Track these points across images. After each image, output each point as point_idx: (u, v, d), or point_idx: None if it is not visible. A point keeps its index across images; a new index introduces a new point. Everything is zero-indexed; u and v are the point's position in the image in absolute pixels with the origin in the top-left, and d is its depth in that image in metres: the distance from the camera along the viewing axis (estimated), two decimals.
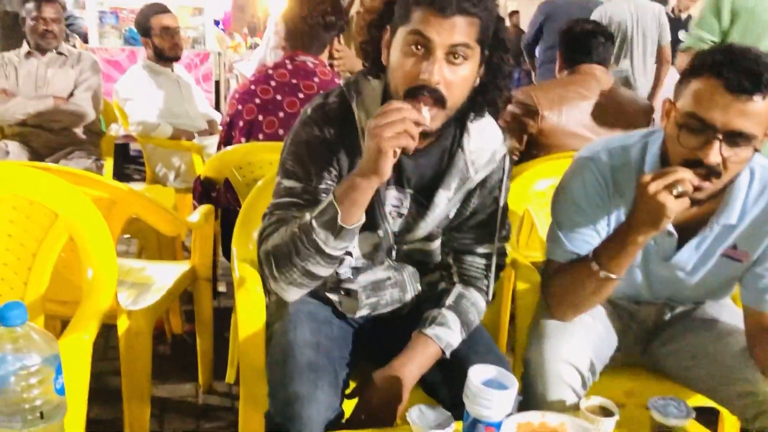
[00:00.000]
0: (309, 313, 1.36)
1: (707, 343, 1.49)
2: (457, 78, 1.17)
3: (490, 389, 1.03)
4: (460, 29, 1.14)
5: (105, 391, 2.09)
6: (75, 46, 4.58)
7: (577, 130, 2.36)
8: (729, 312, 1.59)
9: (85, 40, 4.86)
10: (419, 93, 1.14)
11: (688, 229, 1.42)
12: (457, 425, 1.08)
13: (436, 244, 1.41)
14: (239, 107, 2.18)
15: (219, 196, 2.29)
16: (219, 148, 2.32)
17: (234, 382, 2.15)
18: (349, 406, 1.28)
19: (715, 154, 1.22)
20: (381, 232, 1.34)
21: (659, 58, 4.38)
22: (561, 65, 2.57)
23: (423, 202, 1.33)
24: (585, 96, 2.39)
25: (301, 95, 2.15)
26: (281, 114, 2.14)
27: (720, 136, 1.22)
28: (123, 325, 1.73)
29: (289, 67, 2.19)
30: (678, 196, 1.22)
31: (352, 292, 1.40)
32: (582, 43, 2.47)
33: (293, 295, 1.30)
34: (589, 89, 2.41)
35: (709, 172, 1.24)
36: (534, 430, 1.12)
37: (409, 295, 1.44)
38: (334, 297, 1.42)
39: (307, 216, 1.20)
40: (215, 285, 2.77)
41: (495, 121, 1.36)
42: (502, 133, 1.36)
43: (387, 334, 1.41)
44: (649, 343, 1.61)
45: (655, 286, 1.53)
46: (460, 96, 1.20)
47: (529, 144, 2.45)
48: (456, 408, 1.10)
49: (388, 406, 1.26)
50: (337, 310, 1.43)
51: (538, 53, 4.61)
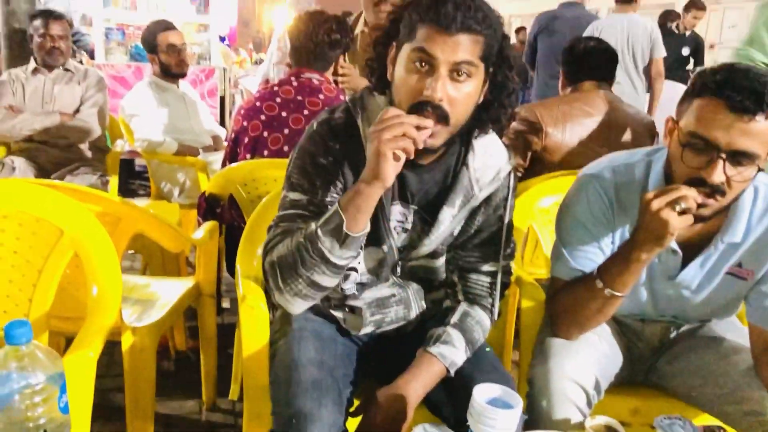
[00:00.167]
0: (313, 330, 1.36)
1: (713, 362, 1.48)
2: (460, 95, 1.17)
3: (494, 408, 1.02)
4: (464, 47, 1.15)
5: (108, 408, 2.08)
6: (82, 62, 4.62)
7: (581, 147, 2.37)
8: (735, 330, 1.58)
9: (91, 57, 4.90)
10: (422, 108, 1.15)
11: (692, 247, 1.42)
12: None
13: (441, 262, 1.41)
14: (244, 123, 2.19)
15: (223, 213, 2.29)
16: (224, 165, 2.33)
17: (237, 399, 2.14)
18: (353, 425, 1.27)
19: (718, 174, 1.23)
20: (386, 248, 1.34)
21: (653, 71, 4.45)
22: (564, 82, 2.58)
23: (427, 218, 1.34)
24: (589, 113, 2.40)
25: (306, 112, 2.16)
26: (286, 130, 2.15)
27: (723, 156, 1.22)
28: (127, 341, 1.73)
29: (295, 84, 2.21)
30: (681, 213, 1.22)
31: (357, 309, 1.40)
32: (585, 60, 2.49)
33: (298, 307, 1.30)
34: (593, 106, 2.42)
35: (713, 191, 1.24)
36: None
37: (413, 313, 1.43)
38: (338, 314, 1.42)
39: (313, 225, 1.20)
40: (219, 301, 2.76)
41: (500, 139, 1.37)
42: (506, 151, 1.36)
43: (391, 352, 1.41)
44: (655, 361, 1.60)
45: (660, 305, 1.53)
46: (463, 113, 1.21)
47: (534, 161, 2.46)
48: (460, 427, 1.09)
49: (393, 424, 1.25)
50: (342, 327, 1.42)
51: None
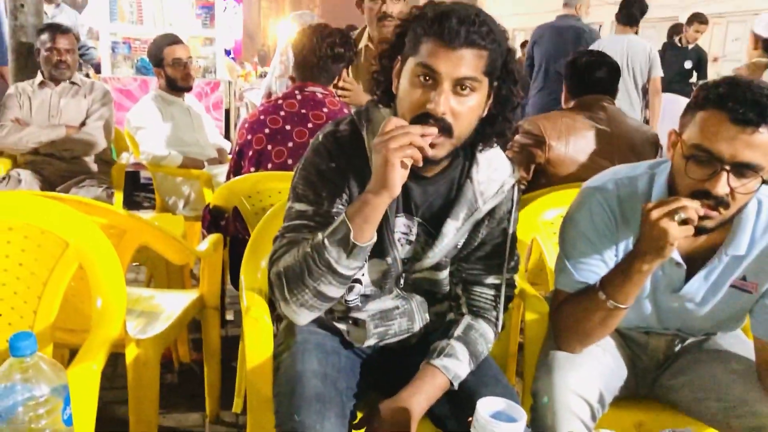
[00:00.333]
0: (317, 343, 1.36)
1: (718, 376, 1.48)
2: (463, 108, 1.18)
3: (498, 422, 1.02)
4: (468, 62, 1.15)
5: (112, 420, 2.08)
6: (88, 76, 4.65)
7: (585, 159, 2.38)
8: (740, 344, 1.58)
9: (97, 71, 4.93)
10: (425, 120, 1.16)
11: (697, 260, 1.42)
12: None
13: (444, 274, 1.41)
14: (248, 137, 2.20)
15: (228, 225, 2.30)
16: (228, 178, 2.33)
17: (241, 411, 2.13)
18: None
19: (722, 186, 1.23)
20: (390, 259, 1.35)
21: (651, 89, 4.69)
22: (567, 96, 2.59)
23: (431, 231, 1.34)
24: (592, 126, 2.41)
25: (310, 125, 2.17)
26: (290, 144, 2.16)
27: (727, 168, 1.22)
28: (131, 353, 1.73)
29: (299, 97, 2.22)
30: (682, 224, 1.22)
31: (360, 322, 1.40)
32: (588, 73, 2.50)
33: (304, 318, 1.29)
34: (597, 119, 2.42)
35: (718, 203, 1.24)
36: None
37: (417, 325, 1.43)
38: (342, 326, 1.42)
39: (320, 235, 1.20)
40: (223, 314, 2.76)
41: (503, 152, 1.37)
42: (510, 165, 1.37)
43: (395, 365, 1.41)
44: (660, 374, 1.60)
45: (664, 317, 1.53)
46: (467, 126, 1.21)
47: (537, 173, 2.46)
48: None
49: None
50: (345, 340, 1.42)
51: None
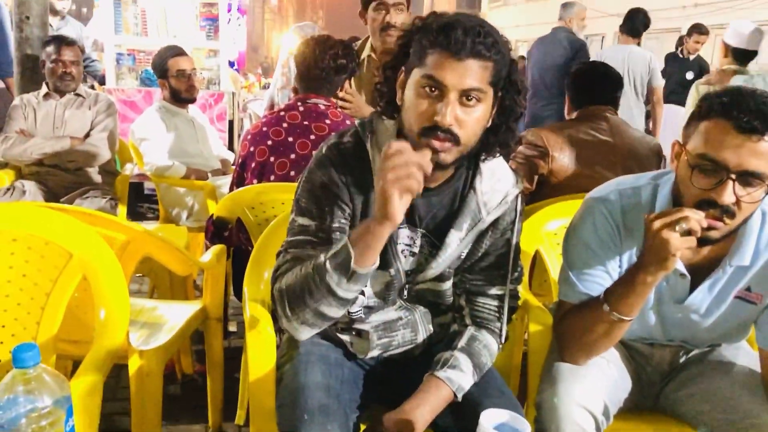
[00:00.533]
0: (320, 355, 1.36)
1: (723, 387, 1.47)
2: (470, 118, 1.18)
3: None
4: (474, 73, 1.16)
5: None
6: (93, 87, 4.68)
7: (588, 170, 2.37)
8: (745, 355, 1.57)
9: (102, 82, 4.96)
10: (433, 133, 1.16)
11: (701, 271, 1.42)
12: None
13: (448, 285, 1.41)
14: (251, 149, 2.20)
15: (231, 236, 2.30)
16: (231, 189, 2.34)
17: (244, 423, 2.13)
18: None
19: (729, 195, 1.23)
20: (393, 271, 1.34)
21: (653, 99, 4.86)
22: (570, 107, 2.59)
23: (435, 242, 1.34)
24: (595, 137, 2.41)
25: (312, 137, 2.17)
26: (293, 156, 2.16)
27: (733, 176, 1.22)
28: (134, 365, 1.72)
29: (301, 108, 2.22)
30: (684, 234, 1.22)
31: (364, 333, 1.40)
32: (591, 84, 2.50)
33: (305, 334, 1.30)
34: (599, 130, 2.43)
35: (723, 213, 1.24)
36: None
37: (420, 336, 1.43)
38: (345, 338, 1.42)
39: (322, 257, 1.20)
40: (226, 325, 2.76)
41: (506, 163, 1.37)
42: (514, 175, 1.37)
43: (398, 377, 1.40)
44: (665, 386, 1.59)
45: (668, 329, 1.52)
46: (473, 135, 1.22)
47: (540, 184, 2.46)
48: None
49: None
50: (349, 351, 1.42)
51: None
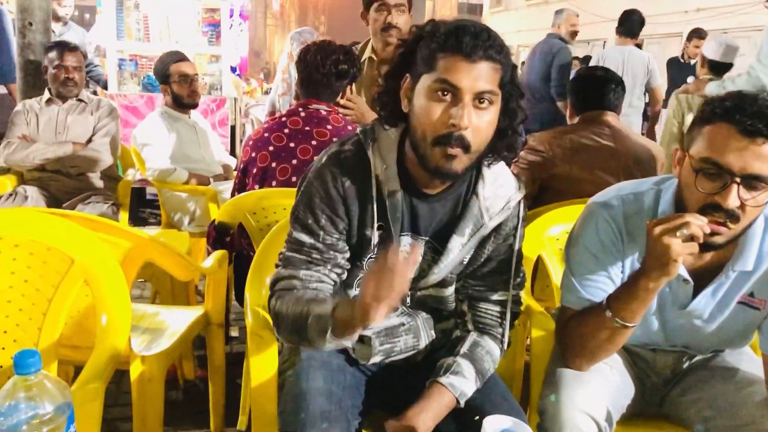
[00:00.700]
0: (322, 360, 1.36)
1: (727, 393, 1.46)
2: (483, 123, 1.19)
3: None
4: (486, 75, 1.16)
5: None
6: (96, 93, 4.69)
7: (590, 175, 2.37)
8: (748, 361, 1.56)
9: (105, 87, 4.97)
10: (448, 141, 1.16)
11: (704, 276, 1.41)
12: None
13: (450, 291, 1.41)
14: (253, 154, 2.20)
15: (233, 241, 2.30)
16: (233, 195, 2.34)
17: (246, 429, 2.12)
18: None
19: (733, 198, 1.23)
20: None
21: (652, 99, 5.05)
22: (572, 111, 2.59)
23: (437, 247, 1.34)
24: (597, 142, 2.40)
25: (314, 142, 2.17)
26: (294, 161, 2.16)
27: (738, 180, 1.22)
28: (136, 370, 1.72)
29: (302, 114, 2.22)
30: (686, 240, 1.21)
31: (366, 339, 1.40)
32: (593, 89, 2.50)
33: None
34: (601, 135, 2.42)
35: (728, 217, 1.24)
36: None
37: (423, 342, 1.43)
38: (347, 343, 1.42)
39: (310, 308, 1.21)
40: (228, 330, 2.76)
41: (509, 168, 1.37)
42: (516, 181, 1.37)
43: (400, 383, 1.40)
44: (668, 392, 1.58)
45: (671, 334, 1.51)
46: (484, 140, 1.22)
47: (542, 189, 2.46)
48: None
49: None
50: (351, 357, 1.42)
51: None
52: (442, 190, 1.31)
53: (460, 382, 1.30)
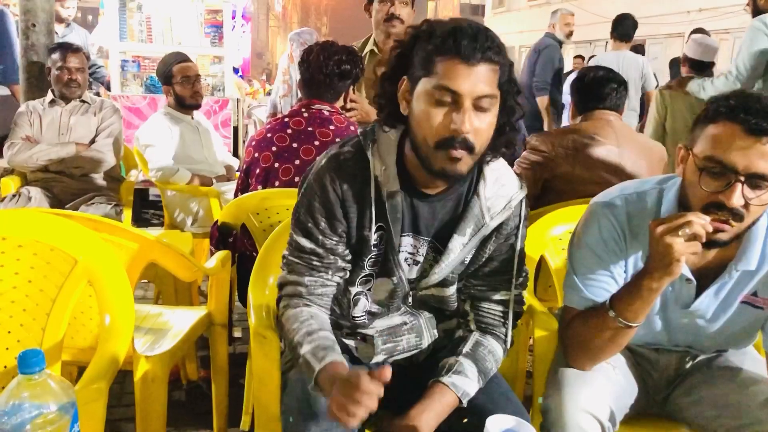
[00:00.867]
0: None
1: (731, 393, 1.46)
2: (483, 125, 1.18)
3: None
4: (485, 78, 1.16)
5: None
6: (99, 94, 4.70)
7: (593, 175, 2.37)
8: (752, 360, 1.56)
9: (109, 88, 4.99)
10: (450, 144, 1.16)
11: (707, 276, 1.41)
12: None
13: (452, 291, 1.41)
14: (255, 155, 2.20)
15: (236, 242, 2.30)
16: (236, 195, 2.34)
17: (249, 429, 2.13)
18: None
19: (737, 197, 1.23)
20: (395, 279, 1.35)
21: (646, 102, 5.11)
22: (574, 111, 2.59)
23: (439, 247, 1.34)
24: (600, 142, 2.40)
25: (316, 142, 2.17)
26: (297, 161, 2.16)
27: (742, 179, 1.22)
28: (139, 371, 1.73)
29: (305, 114, 2.22)
30: (689, 240, 1.21)
31: (368, 338, 1.40)
32: (595, 89, 2.50)
33: None
34: (604, 135, 2.42)
35: (732, 216, 1.24)
36: None
37: (425, 341, 1.43)
38: (350, 342, 1.42)
39: (307, 352, 1.23)
40: (231, 331, 2.76)
41: (510, 168, 1.37)
42: (518, 180, 1.37)
43: (403, 383, 1.39)
44: (671, 392, 1.58)
45: (674, 334, 1.51)
46: (486, 140, 1.22)
47: (545, 189, 2.45)
48: None
49: None
50: (354, 356, 1.42)
51: None
52: (442, 190, 1.31)
53: (463, 382, 1.30)
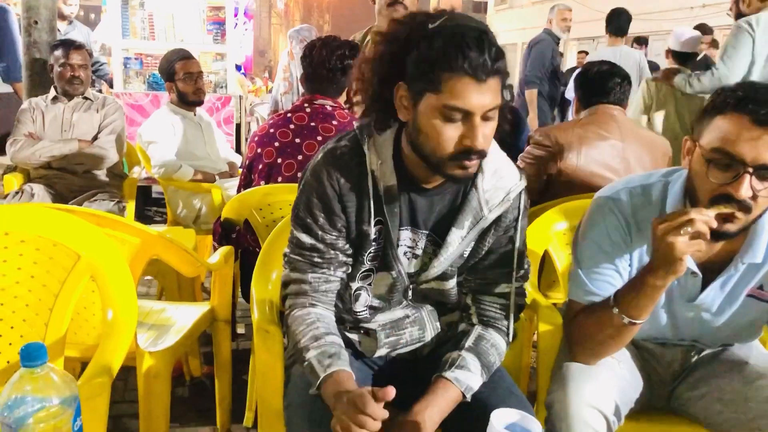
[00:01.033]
0: None
1: (736, 387, 1.45)
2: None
3: None
4: (494, 90, 1.15)
5: None
6: (101, 91, 4.70)
7: (597, 170, 2.36)
8: (758, 354, 1.55)
9: (112, 85, 4.99)
10: (465, 156, 1.16)
11: (712, 269, 1.40)
12: None
13: (452, 284, 1.40)
14: (258, 150, 2.20)
15: (239, 238, 2.30)
16: (239, 191, 2.34)
17: (252, 425, 2.13)
18: None
19: (746, 189, 1.22)
20: (395, 273, 1.34)
21: None
22: (578, 106, 2.58)
23: (438, 240, 1.33)
24: (604, 136, 2.39)
25: (319, 138, 2.17)
26: (300, 157, 2.16)
27: (750, 170, 1.21)
28: (142, 366, 1.73)
29: (308, 110, 2.22)
30: (693, 237, 1.20)
31: (371, 332, 1.40)
32: (599, 84, 2.49)
33: None
34: (608, 129, 2.41)
35: (740, 207, 1.23)
36: None
37: (428, 334, 1.42)
38: (353, 336, 1.42)
39: (312, 357, 1.24)
40: (234, 326, 2.76)
41: (510, 160, 1.36)
42: (518, 172, 1.36)
43: (406, 377, 1.39)
44: (677, 386, 1.57)
45: (680, 328, 1.51)
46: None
47: (549, 184, 2.45)
48: None
49: None
50: (357, 351, 1.41)
51: None
52: (440, 184, 1.30)
53: (466, 377, 1.29)
